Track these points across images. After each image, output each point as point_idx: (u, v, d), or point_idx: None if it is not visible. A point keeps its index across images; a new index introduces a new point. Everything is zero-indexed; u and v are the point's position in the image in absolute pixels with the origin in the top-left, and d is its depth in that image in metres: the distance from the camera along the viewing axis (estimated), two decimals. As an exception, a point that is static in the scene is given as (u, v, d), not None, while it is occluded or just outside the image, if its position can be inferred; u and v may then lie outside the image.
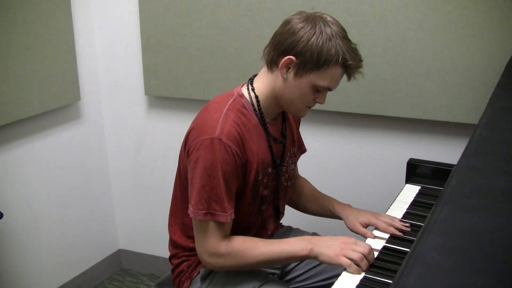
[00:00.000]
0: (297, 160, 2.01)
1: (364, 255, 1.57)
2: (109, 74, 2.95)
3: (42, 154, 2.68)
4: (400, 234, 1.78)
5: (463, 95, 2.22)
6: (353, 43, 1.66)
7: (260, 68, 1.82)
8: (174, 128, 2.87)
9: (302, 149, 2.04)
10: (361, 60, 1.67)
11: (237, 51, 2.54)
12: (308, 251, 1.62)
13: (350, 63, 1.62)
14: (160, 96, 2.86)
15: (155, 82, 2.78)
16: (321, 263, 1.67)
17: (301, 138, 2.02)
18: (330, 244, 1.62)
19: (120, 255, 3.26)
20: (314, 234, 2.05)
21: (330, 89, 1.69)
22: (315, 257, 1.63)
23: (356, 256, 1.56)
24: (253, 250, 1.67)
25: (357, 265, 1.56)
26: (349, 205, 1.97)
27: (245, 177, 1.71)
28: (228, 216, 1.65)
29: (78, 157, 2.90)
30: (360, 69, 1.68)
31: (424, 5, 2.19)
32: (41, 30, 2.51)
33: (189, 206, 1.67)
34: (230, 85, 2.55)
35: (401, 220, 1.84)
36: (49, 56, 2.57)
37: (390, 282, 1.51)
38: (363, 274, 1.56)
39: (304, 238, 1.68)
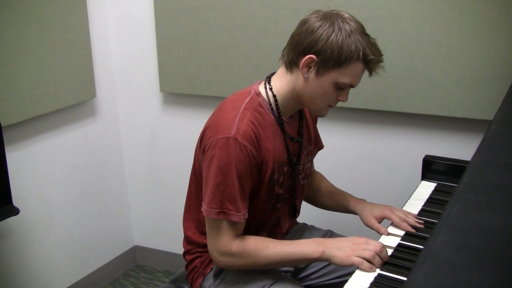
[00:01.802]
0: (314, 157, 2.00)
1: (376, 253, 1.56)
2: (125, 71, 2.96)
3: (57, 151, 2.70)
4: (413, 230, 1.77)
5: (479, 90, 2.19)
6: (372, 38, 1.66)
7: (274, 64, 1.81)
8: (189, 125, 2.88)
9: (319, 146, 2.03)
10: (381, 55, 1.67)
11: (251, 47, 2.54)
12: (320, 253, 1.62)
13: (371, 58, 1.61)
14: (175, 93, 2.86)
15: (170, 79, 2.79)
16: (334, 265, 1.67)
17: (318, 135, 2.02)
18: (342, 246, 1.61)
19: (135, 251, 3.28)
20: (329, 231, 2.04)
21: (352, 86, 1.68)
22: (327, 260, 1.62)
23: (367, 254, 1.55)
24: (265, 251, 1.66)
25: (370, 262, 1.55)
26: (363, 200, 1.96)
27: (260, 176, 1.71)
28: (241, 215, 1.65)
29: (93, 153, 2.92)
30: (381, 64, 1.67)
31: None
32: (57, 27, 2.52)
33: (203, 204, 1.67)
34: (244, 82, 2.55)
35: (416, 217, 1.83)
36: (65, 53, 2.58)
37: (404, 280, 1.50)
38: (377, 272, 1.55)
39: (316, 240, 1.67)
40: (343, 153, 2.58)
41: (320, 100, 1.69)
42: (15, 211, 2.21)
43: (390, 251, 1.64)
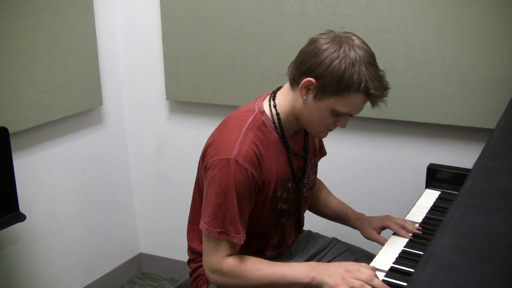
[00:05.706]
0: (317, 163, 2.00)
1: (367, 282, 1.50)
2: (131, 79, 2.98)
3: (64, 158, 2.72)
4: (409, 237, 1.78)
5: (483, 100, 2.20)
6: (381, 70, 1.60)
7: (280, 73, 1.81)
8: (196, 133, 2.89)
9: (322, 152, 2.03)
10: (386, 89, 1.61)
11: (258, 56, 2.55)
12: (311, 279, 1.58)
13: (372, 92, 1.56)
14: (182, 101, 2.88)
15: (177, 87, 2.81)
16: None
17: (322, 143, 2.02)
18: (333, 272, 1.56)
19: (140, 259, 3.29)
20: (334, 239, 2.05)
21: (350, 115, 1.64)
22: (317, 286, 1.58)
23: (357, 284, 1.50)
24: (255, 272, 1.64)
25: None
26: (362, 215, 1.98)
27: (263, 195, 1.70)
28: (241, 237, 1.64)
29: (100, 161, 2.93)
30: (385, 98, 1.62)
31: (444, 10, 2.18)
32: (64, 36, 2.55)
33: (201, 221, 1.66)
34: (250, 91, 2.57)
35: (420, 225, 1.84)
36: (72, 61, 2.61)
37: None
38: (381, 278, 1.55)
39: (308, 265, 1.64)
40: (348, 161, 2.59)
41: (317, 124, 1.67)
42: (21, 218, 2.23)
43: (394, 258, 1.65)
